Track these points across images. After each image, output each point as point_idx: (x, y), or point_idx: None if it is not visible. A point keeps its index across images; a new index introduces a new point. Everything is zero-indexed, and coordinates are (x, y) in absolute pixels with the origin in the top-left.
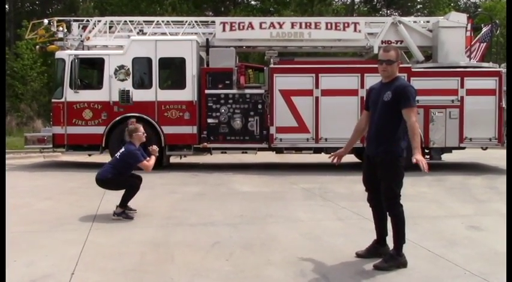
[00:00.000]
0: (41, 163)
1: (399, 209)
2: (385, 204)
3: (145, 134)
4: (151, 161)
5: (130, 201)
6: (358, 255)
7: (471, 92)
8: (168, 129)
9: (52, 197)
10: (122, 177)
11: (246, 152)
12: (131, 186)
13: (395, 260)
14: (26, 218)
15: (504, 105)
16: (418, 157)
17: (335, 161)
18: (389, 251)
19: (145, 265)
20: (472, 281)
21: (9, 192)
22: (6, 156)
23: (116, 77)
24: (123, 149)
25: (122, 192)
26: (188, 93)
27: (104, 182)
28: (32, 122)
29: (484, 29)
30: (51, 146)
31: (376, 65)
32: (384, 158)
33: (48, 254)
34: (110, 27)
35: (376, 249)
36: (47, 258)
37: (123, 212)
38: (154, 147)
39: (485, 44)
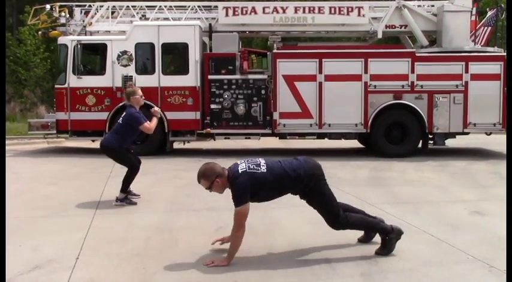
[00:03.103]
0: (45, 149)
1: (346, 220)
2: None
3: (143, 97)
4: (153, 123)
5: (134, 186)
6: (360, 240)
7: (476, 77)
8: (171, 115)
9: (56, 182)
10: (125, 144)
11: (249, 138)
12: (132, 167)
13: (390, 241)
14: (31, 204)
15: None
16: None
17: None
18: (381, 236)
19: (150, 250)
20: (475, 265)
21: (13, 177)
22: (10, 142)
23: (118, 63)
24: (124, 113)
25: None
26: (191, 79)
27: (108, 148)
28: (36, 108)
29: (489, 13)
30: (54, 131)
31: (380, 50)
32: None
33: (53, 239)
34: (112, 13)
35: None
36: (52, 243)
37: (126, 198)
38: (156, 109)
39: (490, 28)
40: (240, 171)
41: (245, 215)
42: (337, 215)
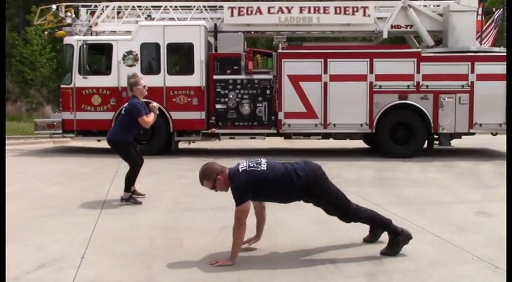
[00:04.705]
0: (51, 148)
1: (358, 213)
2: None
3: (146, 87)
4: (151, 117)
5: (139, 186)
6: (366, 240)
7: (481, 77)
8: (176, 115)
9: (62, 181)
10: (130, 136)
11: (254, 138)
12: (133, 163)
13: (398, 243)
14: (37, 203)
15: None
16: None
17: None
18: (389, 236)
19: (154, 249)
20: (480, 266)
21: (19, 177)
22: (16, 141)
23: (124, 63)
24: (127, 104)
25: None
26: (196, 79)
27: (112, 141)
28: (42, 107)
29: (496, 14)
30: (60, 131)
31: (385, 50)
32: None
33: (58, 238)
34: (118, 13)
35: (379, 231)
36: (57, 242)
37: (131, 197)
38: (155, 104)
39: (497, 28)
40: (240, 169)
41: (245, 212)
42: (348, 208)
